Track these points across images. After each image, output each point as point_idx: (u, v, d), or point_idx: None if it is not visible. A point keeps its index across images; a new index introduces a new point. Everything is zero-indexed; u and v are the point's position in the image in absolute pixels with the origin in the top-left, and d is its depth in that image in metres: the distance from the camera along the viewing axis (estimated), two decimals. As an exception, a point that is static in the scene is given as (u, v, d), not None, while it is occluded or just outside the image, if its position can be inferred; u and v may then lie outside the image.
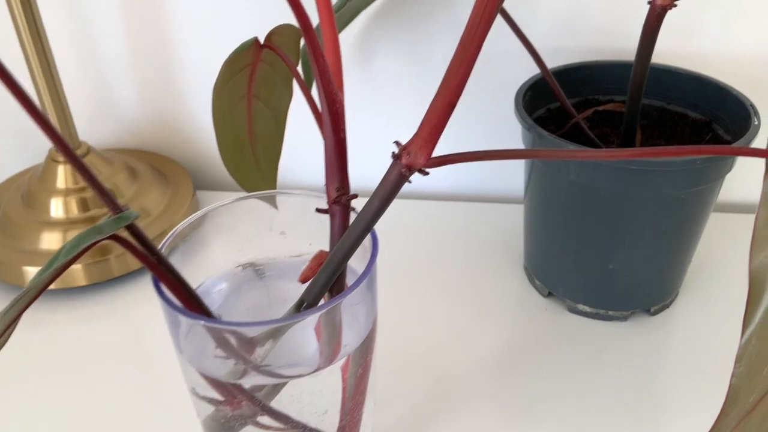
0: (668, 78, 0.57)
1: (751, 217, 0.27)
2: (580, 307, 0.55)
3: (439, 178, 0.72)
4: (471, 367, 0.52)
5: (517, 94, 0.53)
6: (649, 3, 0.44)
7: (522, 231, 0.60)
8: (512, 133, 0.57)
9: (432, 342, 0.54)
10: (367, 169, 0.54)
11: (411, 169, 0.30)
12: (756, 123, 0.48)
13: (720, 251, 0.62)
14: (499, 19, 0.58)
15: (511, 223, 0.66)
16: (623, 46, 0.62)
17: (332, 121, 0.32)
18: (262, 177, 0.44)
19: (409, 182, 0.31)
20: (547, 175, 0.51)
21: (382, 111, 0.69)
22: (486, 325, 0.56)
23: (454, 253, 0.64)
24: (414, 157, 0.30)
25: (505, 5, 0.61)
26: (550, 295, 0.58)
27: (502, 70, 0.65)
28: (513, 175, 0.72)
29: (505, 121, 0.66)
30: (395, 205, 0.31)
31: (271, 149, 0.44)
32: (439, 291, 0.59)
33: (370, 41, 0.65)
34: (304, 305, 0.33)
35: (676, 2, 0.44)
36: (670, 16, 0.60)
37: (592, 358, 0.52)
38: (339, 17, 0.57)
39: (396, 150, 0.30)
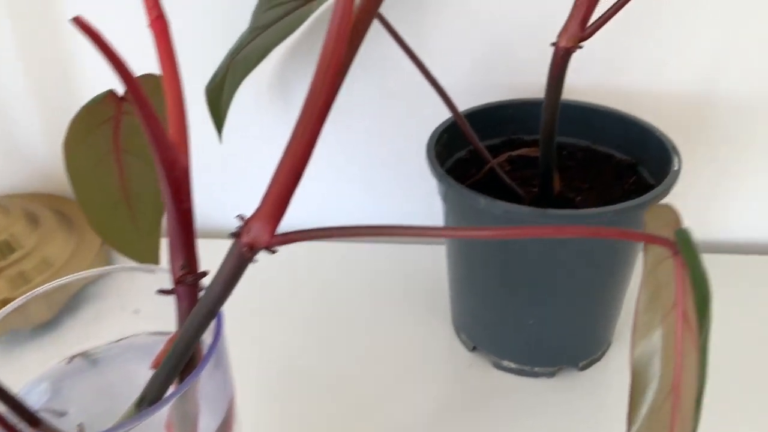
0: (594, 117, 0.54)
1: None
2: (505, 363, 0.52)
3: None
4: (389, 427, 0.48)
5: (430, 139, 0.49)
6: (553, 45, 0.41)
7: (446, 279, 0.56)
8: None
9: (347, 401, 0.50)
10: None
11: (253, 249, 0.26)
12: (676, 168, 0.45)
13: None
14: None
15: (442, 265, 0.63)
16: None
17: (172, 190, 0.28)
18: (142, 238, 0.40)
19: (255, 261, 0.27)
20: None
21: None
22: (408, 380, 0.52)
23: (375, 300, 0.60)
24: (256, 235, 0.26)
25: (425, 41, 0.58)
26: (475, 349, 0.54)
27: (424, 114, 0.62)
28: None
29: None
30: (304, 247, 0.28)
31: (154, 206, 0.41)
32: (357, 343, 0.55)
33: (289, 78, 0.62)
34: (145, 402, 0.29)
35: (581, 44, 0.41)
36: (599, 51, 0.58)
37: (517, 417, 0.49)
38: (246, 56, 0.53)
39: (241, 225, 0.26)
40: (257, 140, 0.65)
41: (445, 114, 0.49)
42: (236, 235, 0.26)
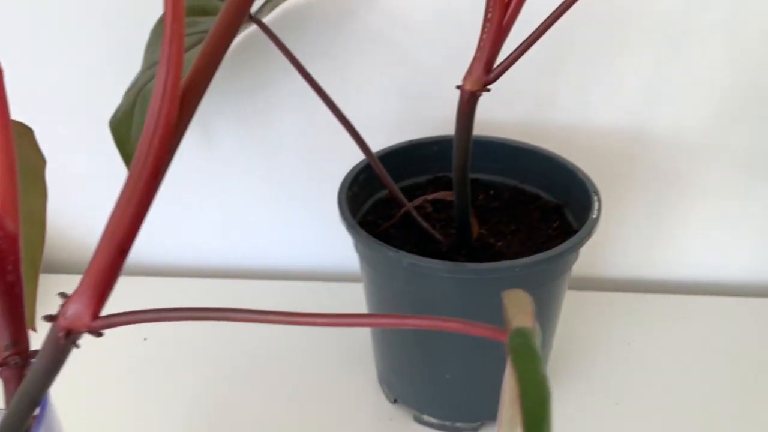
0: (522, 156, 0.52)
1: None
2: (426, 417, 0.49)
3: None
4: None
5: (342, 184, 0.46)
6: (458, 88, 0.38)
7: (368, 326, 0.53)
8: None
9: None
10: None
11: (71, 334, 0.23)
12: (594, 216, 0.42)
13: (581, 337, 0.57)
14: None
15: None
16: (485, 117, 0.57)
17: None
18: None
19: (77, 347, 0.24)
20: (377, 283, 0.45)
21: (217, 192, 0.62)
22: (329, 430, 0.49)
23: (298, 346, 0.57)
24: (75, 318, 0.23)
25: (352, 75, 0.56)
26: (396, 402, 0.51)
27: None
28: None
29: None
30: (225, 285, 0.24)
31: (30, 257, 0.37)
32: (278, 390, 0.52)
33: (207, 110, 0.59)
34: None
35: (488, 88, 0.38)
36: (528, 86, 0.56)
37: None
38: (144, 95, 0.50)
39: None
40: (173, 177, 0.62)
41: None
42: (52, 318, 0.23)
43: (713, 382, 0.52)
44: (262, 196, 0.63)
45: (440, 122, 0.58)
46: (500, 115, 0.57)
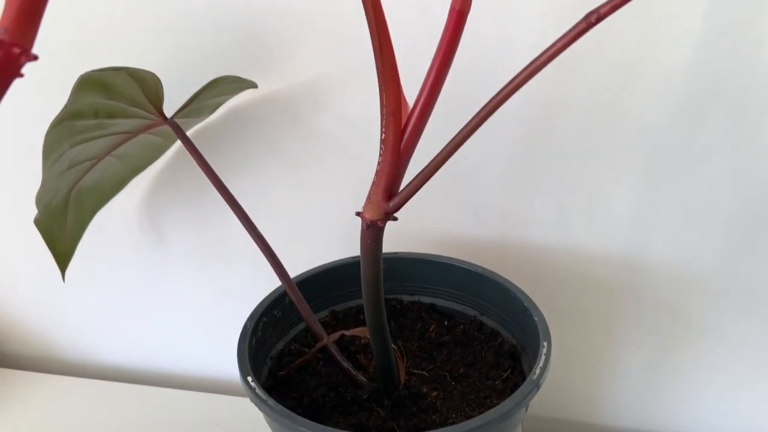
0: (484, 286, 0.44)
1: None
2: None
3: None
4: None
5: (242, 335, 0.39)
6: (358, 214, 0.32)
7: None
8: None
9: None
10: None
11: None
12: (535, 376, 0.34)
13: None
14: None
15: None
16: (453, 233, 0.51)
17: None
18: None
19: None
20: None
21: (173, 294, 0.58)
22: None
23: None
24: None
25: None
26: None
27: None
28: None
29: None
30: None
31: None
32: None
33: (157, 213, 0.55)
34: None
35: (396, 217, 0.32)
36: (501, 202, 0.49)
37: None
38: (94, 186, 0.47)
39: None
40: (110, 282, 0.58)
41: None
42: None
43: None
44: (202, 301, 0.58)
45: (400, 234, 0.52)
46: (472, 233, 0.50)
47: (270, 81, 0.47)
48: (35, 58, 0.20)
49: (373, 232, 0.32)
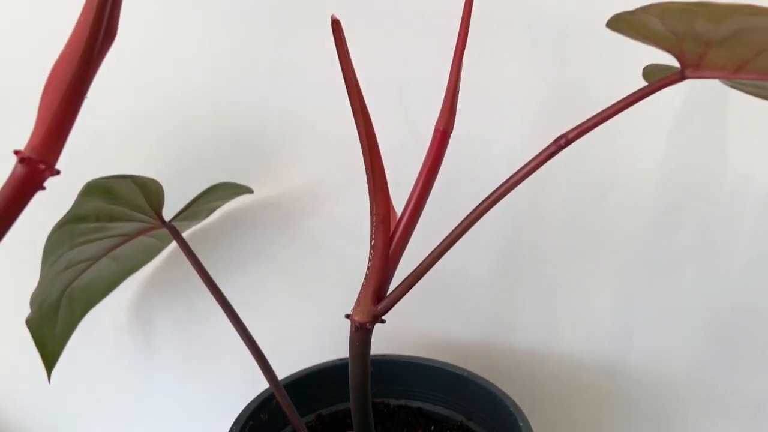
0: (468, 388, 0.45)
1: None
2: None
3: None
4: None
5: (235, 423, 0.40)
6: (347, 317, 0.34)
7: None
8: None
9: None
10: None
11: None
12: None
13: None
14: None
15: None
16: (440, 337, 0.52)
17: None
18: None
19: None
20: None
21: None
22: None
23: None
24: None
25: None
26: None
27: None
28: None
29: None
30: None
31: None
32: None
33: (146, 313, 0.56)
34: None
35: (384, 319, 0.33)
36: (488, 307, 0.50)
37: None
38: (87, 287, 0.48)
39: None
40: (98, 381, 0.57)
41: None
42: None
43: None
44: (190, 404, 0.57)
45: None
46: (458, 334, 0.51)
47: (265, 186, 0.49)
48: (58, 172, 0.22)
49: (361, 334, 0.34)
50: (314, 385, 0.46)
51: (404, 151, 0.45)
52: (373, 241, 0.32)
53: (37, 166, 0.21)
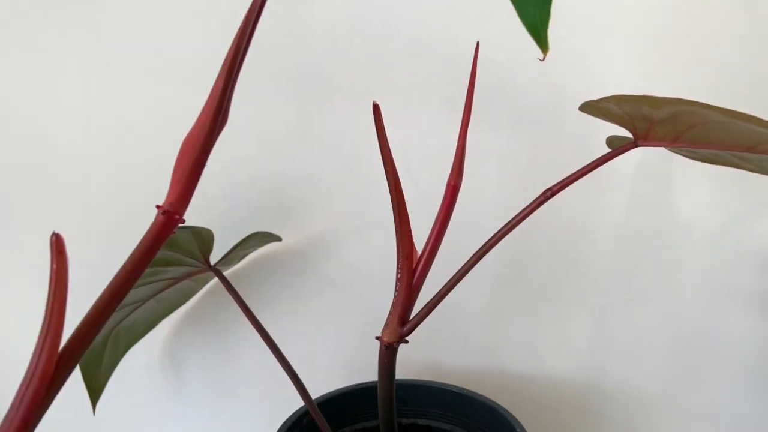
0: (468, 405, 0.52)
1: None
2: None
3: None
4: None
5: None
6: (377, 338, 0.41)
7: None
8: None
9: None
10: None
11: None
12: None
13: None
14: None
15: None
16: (435, 363, 0.59)
17: None
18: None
19: None
20: None
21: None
22: None
23: None
24: None
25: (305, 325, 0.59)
26: None
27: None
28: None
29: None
30: None
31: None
32: None
33: (180, 351, 0.62)
34: None
35: (406, 339, 0.41)
36: (477, 334, 0.58)
37: None
38: (130, 327, 0.54)
39: None
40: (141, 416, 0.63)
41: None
42: None
43: None
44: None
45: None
46: (450, 361, 0.59)
47: (288, 234, 0.57)
48: (183, 221, 0.29)
49: (389, 352, 0.41)
50: (350, 403, 0.52)
51: (422, 201, 0.53)
52: (399, 275, 0.40)
53: (173, 216, 0.29)
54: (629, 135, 0.35)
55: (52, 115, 0.55)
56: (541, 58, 0.27)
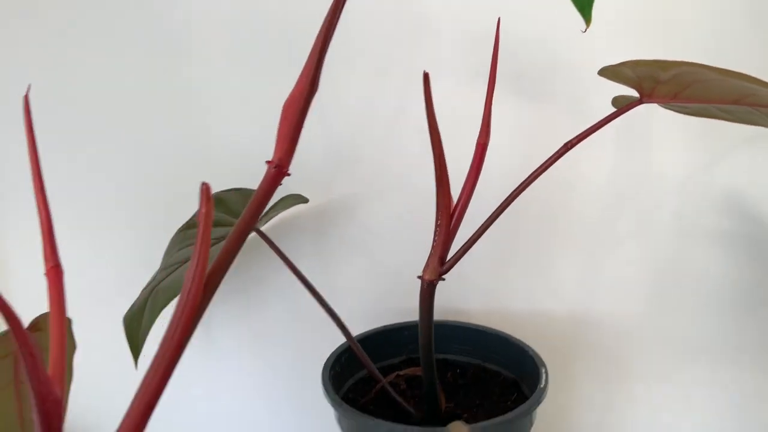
0: (483, 339, 0.59)
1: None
2: None
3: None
4: None
5: (325, 366, 0.53)
6: (419, 278, 0.47)
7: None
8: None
9: None
10: None
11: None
12: (542, 386, 0.49)
13: None
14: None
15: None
16: (452, 306, 0.66)
17: (43, 421, 0.31)
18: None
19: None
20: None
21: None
22: None
23: None
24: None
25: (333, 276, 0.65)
26: None
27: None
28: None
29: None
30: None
31: None
32: None
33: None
34: None
35: (444, 277, 0.47)
36: (485, 280, 0.65)
37: None
38: (168, 286, 0.58)
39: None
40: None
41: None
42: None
43: None
44: (251, 384, 0.69)
45: (410, 311, 0.66)
46: (464, 305, 0.66)
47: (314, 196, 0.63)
48: (289, 174, 0.35)
49: (430, 288, 0.47)
50: (376, 343, 0.58)
51: (456, 158, 0.59)
52: (438, 221, 0.46)
53: (282, 170, 0.34)
54: (635, 94, 0.42)
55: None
56: (584, 30, 0.33)
